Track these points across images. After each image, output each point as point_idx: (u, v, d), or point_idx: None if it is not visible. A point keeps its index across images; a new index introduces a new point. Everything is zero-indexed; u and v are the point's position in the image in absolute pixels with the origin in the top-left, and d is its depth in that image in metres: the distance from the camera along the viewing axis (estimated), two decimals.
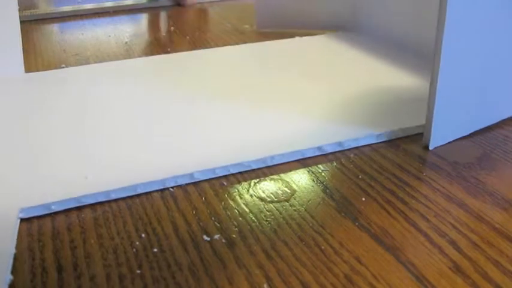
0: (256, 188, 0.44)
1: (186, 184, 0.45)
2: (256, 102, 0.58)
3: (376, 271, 0.35)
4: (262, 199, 0.43)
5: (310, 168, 0.47)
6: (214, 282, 0.34)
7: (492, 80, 0.51)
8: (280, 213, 0.41)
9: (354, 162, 0.48)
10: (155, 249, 0.37)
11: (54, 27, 0.95)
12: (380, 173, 0.46)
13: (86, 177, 0.45)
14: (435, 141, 0.49)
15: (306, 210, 0.41)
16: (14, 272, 0.35)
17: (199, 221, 0.40)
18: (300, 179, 0.45)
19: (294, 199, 0.43)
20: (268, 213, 0.41)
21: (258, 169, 0.47)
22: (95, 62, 0.74)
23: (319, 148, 0.49)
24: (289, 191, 0.44)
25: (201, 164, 0.46)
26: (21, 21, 0.70)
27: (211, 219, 0.40)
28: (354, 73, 0.67)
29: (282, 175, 0.46)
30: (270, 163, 0.47)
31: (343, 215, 0.40)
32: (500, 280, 0.34)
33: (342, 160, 0.48)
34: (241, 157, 0.47)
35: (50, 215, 0.41)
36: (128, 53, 0.79)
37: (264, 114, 0.55)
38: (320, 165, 0.47)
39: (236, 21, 0.96)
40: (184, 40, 0.85)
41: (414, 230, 0.39)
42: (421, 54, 0.69)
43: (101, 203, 0.42)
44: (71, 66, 0.73)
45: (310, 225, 0.39)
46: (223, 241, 0.38)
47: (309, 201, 0.42)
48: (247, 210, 0.41)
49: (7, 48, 0.68)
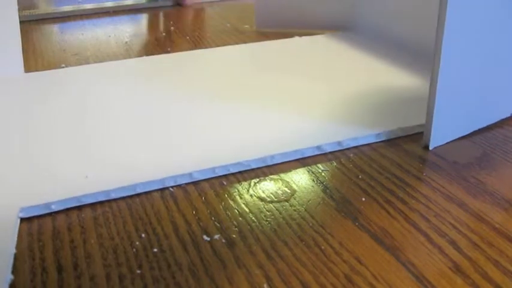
0: (256, 188, 0.44)
1: (186, 184, 0.45)
2: (255, 102, 0.58)
3: (376, 271, 0.35)
4: (262, 199, 0.43)
5: (310, 168, 0.47)
6: (214, 282, 0.34)
7: (492, 80, 0.51)
8: (280, 213, 0.41)
9: (354, 162, 0.48)
10: (155, 249, 0.37)
11: (54, 27, 0.95)
12: (380, 173, 0.46)
13: (86, 177, 0.45)
14: (435, 141, 0.49)
15: (306, 210, 0.41)
16: (14, 272, 0.35)
17: (199, 221, 0.40)
18: (300, 179, 0.45)
19: (294, 199, 0.43)
20: (268, 213, 0.41)
21: (258, 169, 0.47)
22: (95, 62, 0.74)
23: (319, 147, 0.49)
24: (289, 191, 0.44)
25: (201, 164, 0.46)
26: (21, 21, 0.70)
27: (211, 219, 0.40)
28: (353, 73, 0.67)
29: (282, 175, 0.46)
30: (269, 162, 0.47)
31: (343, 215, 0.40)
32: (500, 280, 0.34)
33: (341, 160, 0.48)
34: (241, 156, 0.47)
35: (50, 214, 0.41)
36: (128, 53, 0.79)
37: (264, 114, 0.55)
38: (320, 165, 0.47)
39: (236, 21, 0.96)
40: (184, 40, 0.85)
41: (414, 230, 0.39)
42: (421, 54, 0.69)
43: (101, 203, 0.42)
44: (71, 66, 0.73)
45: (310, 225, 0.39)
46: (223, 241, 0.38)
47: (309, 201, 0.42)
48: (247, 210, 0.41)
49: (7, 48, 0.68)
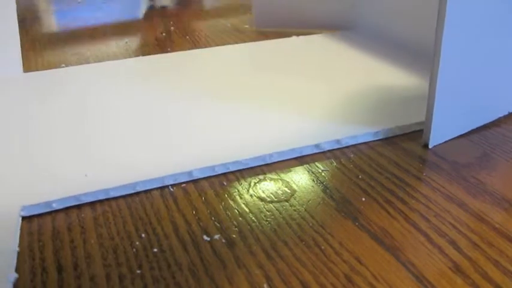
0: (256, 188, 0.44)
1: (186, 183, 0.45)
2: (254, 102, 0.58)
3: (376, 271, 0.35)
4: (262, 199, 0.43)
5: (310, 168, 0.47)
6: (214, 282, 0.34)
7: (491, 78, 0.52)
8: (280, 213, 0.41)
9: (354, 162, 0.48)
10: (155, 249, 0.37)
11: (54, 27, 0.95)
12: (380, 173, 0.46)
13: (86, 175, 0.45)
14: (435, 139, 0.49)
15: (306, 210, 0.41)
16: (15, 271, 0.35)
17: (199, 221, 0.40)
18: (300, 179, 0.45)
19: (294, 199, 0.43)
20: (268, 213, 0.41)
21: (258, 168, 0.47)
22: (95, 62, 0.74)
23: (317, 146, 0.49)
24: (289, 191, 0.44)
25: (200, 163, 0.46)
26: (20, 21, 0.70)
27: (211, 219, 0.40)
28: (352, 72, 0.67)
29: (282, 175, 0.46)
30: (268, 161, 0.47)
31: (343, 215, 0.40)
32: (500, 280, 0.34)
33: (341, 160, 0.48)
34: (240, 155, 0.47)
35: (50, 214, 0.41)
36: (128, 53, 0.79)
37: (263, 114, 0.55)
38: (320, 165, 0.47)
39: (236, 20, 0.96)
40: (184, 40, 0.85)
41: (414, 230, 0.39)
42: (419, 54, 0.69)
43: (100, 202, 0.42)
44: (71, 65, 0.73)
45: (310, 225, 0.39)
46: (223, 241, 0.38)
47: (309, 201, 0.42)
48: (247, 210, 0.41)
49: (6, 48, 0.68)
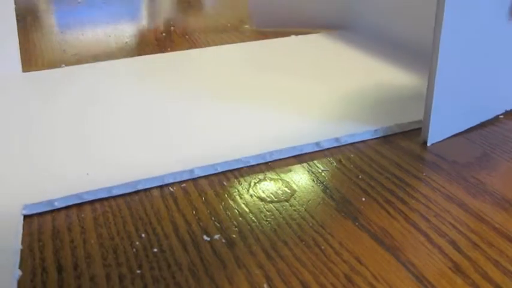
0: (256, 188, 0.44)
1: (186, 182, 0.45)
2: (254, 101, 0.58)
3: (376, 271, 0.35)
4: (262, 199, 0.43)
5: (310, 168, 0.47)
6: (214, 282, 0.34)
7: (488, 76, 0.52)
8: (280, 213, 0.41)
9: (354, 162, 0.48)
10: (155, 249, 0.37)
11: (54, 27, 0.95)
12: (380, 172, 0.46)
13: (87, 174, 0.45)
14: (433, 137, 0.50)
15: (306, 210, 0.41)
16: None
17: (199, 221, 0.40)
18: (300, 179, 0.45)
19: (294, 199, 0.43)
20: (268, 213, 0.41)
21: (258, 168, 0.47)
22: (95, 62, 0.74)
23: (317, 144, 0.49)
24: (289, 191, 0.44)
25: (201, 161, 0.46)
26: (20, 21, 0.70)
27: (211, 219, 0.40)
28: (351, 71, 0.67)
29: (282, 175, 0.46)
30: (269, 159, 0.47)
31: (343, 215, 0.40)
32: (500, 280, 0.34)
33: (341, 160, 0.48)
34: (241, 154, 0.47)
35: (50, 214, 0.41)
36: (128, 52, 0.79)
37: (262, 113, 0.55)
38: (320, 165, 0.47)
39: (236, 20, 0.96)
40: (184, 40, 0.85)
41: (414, 230, 0.39)
42: (417, 53, 0.69)
43: (100, 203, 0.42)
44: (71, 65, 0.73)
45: (310, 225, 0.39)
46: (223, 241, 0.38)
47: (309, 201, 0.42)
48: (247, 210, 0.41)
49: (4, 47, 0.68)
